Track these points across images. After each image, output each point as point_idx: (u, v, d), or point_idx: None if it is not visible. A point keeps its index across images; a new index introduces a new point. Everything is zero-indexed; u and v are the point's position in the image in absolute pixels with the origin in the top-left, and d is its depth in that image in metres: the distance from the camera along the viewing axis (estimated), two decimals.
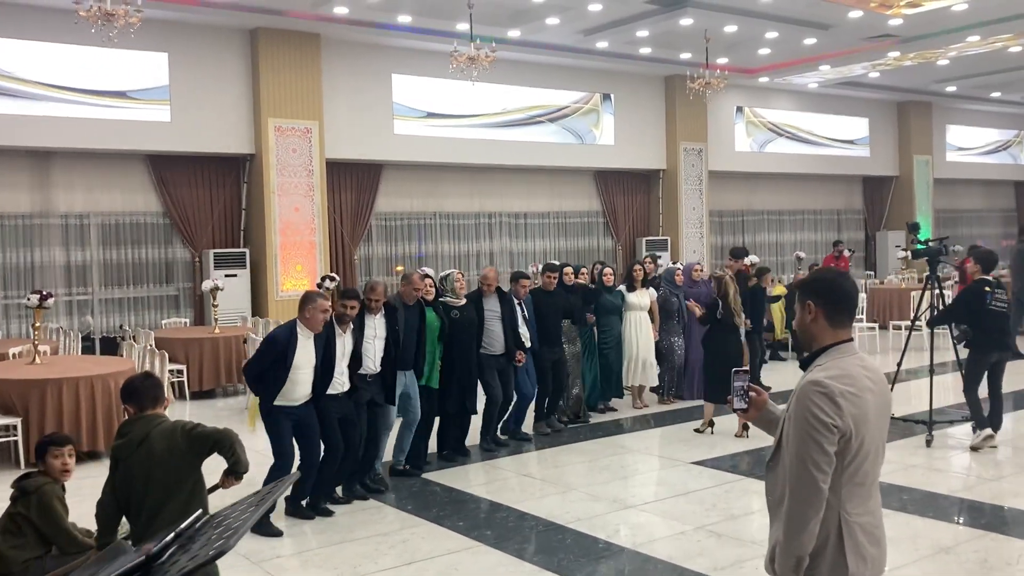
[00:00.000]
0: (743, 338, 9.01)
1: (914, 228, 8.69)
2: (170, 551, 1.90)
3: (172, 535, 1.97)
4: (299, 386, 5.74)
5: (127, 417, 4.01)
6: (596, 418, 8.92)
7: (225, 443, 3.86)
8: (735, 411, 2.76)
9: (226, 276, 11.95)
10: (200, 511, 2.50)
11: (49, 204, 11.75)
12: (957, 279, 13.32)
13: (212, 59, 12.09)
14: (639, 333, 9.13)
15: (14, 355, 9.09)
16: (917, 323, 8.95)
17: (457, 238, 14.96)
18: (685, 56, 14.71)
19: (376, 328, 6.37)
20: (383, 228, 14.30)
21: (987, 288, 7.34)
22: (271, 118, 12.30)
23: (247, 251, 12.54)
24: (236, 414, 9.53)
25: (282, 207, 12.50)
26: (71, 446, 4.51)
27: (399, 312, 6.58)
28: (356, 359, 6.15)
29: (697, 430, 8.27)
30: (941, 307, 8.22)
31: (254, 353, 6.21)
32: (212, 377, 10.45)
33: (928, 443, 7.56)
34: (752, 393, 2.74)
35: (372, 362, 6.32)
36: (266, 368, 5.71)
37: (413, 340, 6.72)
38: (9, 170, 11.42)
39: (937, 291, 8.15)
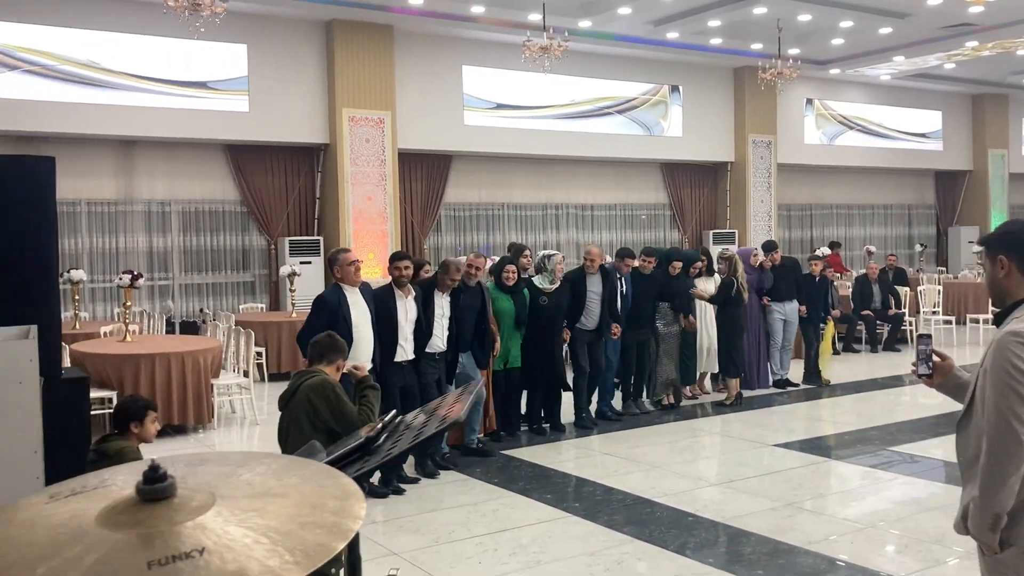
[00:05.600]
0: (797, 324, 9.75)
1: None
2: (383, 436, 2.05)
3: (384, 422, 2.16)
4: (362, 345, 5.73)
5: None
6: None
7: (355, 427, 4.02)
8: (919, 377, 2.67)
9: (301, 263, 12.18)
10: (394, 411, 2.60)
11: (133, 191, 12.11)
12: None
13: (289, 51, 12.35)
14: (706, 320, 9.11)
15: (105, 334, 9.40)
16: None
17: (524, 229, 15.03)
18: (756, 47, 14.59)
19: (443, 307, 6.40)
20: (452, 218, 14.45)
21: None
22: (345, 108, 12.52)
23: (321, 239, 12.78)
24: None
25: (355, 196, 12.70)
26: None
27: (461, 294, 6.61)
28: (422, 334, 6.21)
29: (725, 403, 8.68)
30: None
31: (306, 320, 6.21)
32: (290, 360, 10.65)
33: None
34: (936, 358, 2.65)
35: (439, 340, 6.36)
36: (322, 331, 5.71)
37: (471, 322, 6.72)
38: (96, 158, 11.80)
39: None
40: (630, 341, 8.12)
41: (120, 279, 8.81)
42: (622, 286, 7.93)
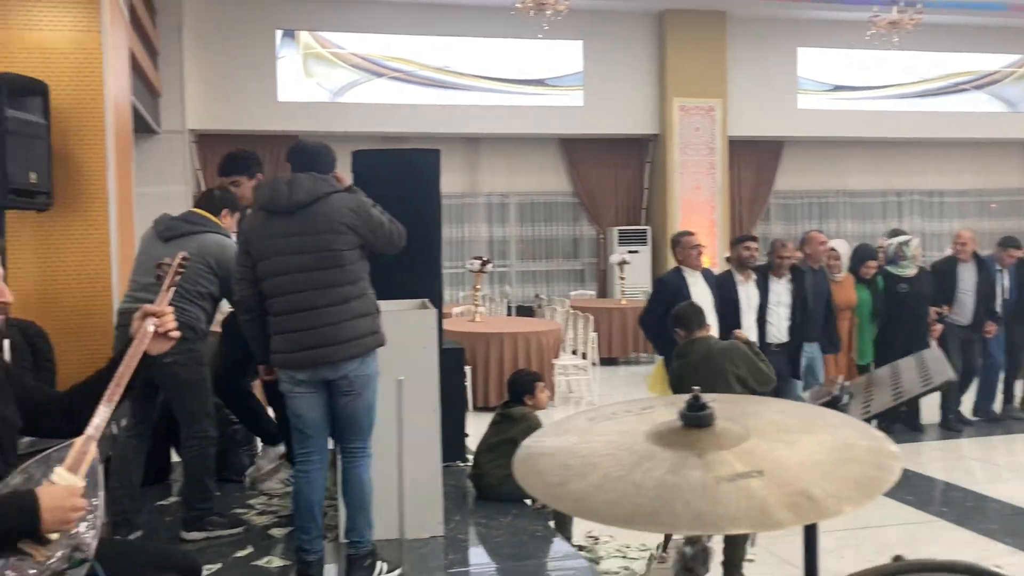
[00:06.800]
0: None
1: None
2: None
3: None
4: None
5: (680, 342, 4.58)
6: None
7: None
8: None
9: (628, 252, 12.42)
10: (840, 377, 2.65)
11: (476, 185, 13.05)
12: None
13: (622, 44, 12.61)
14: None
15: (455, 315, 10.23)
16: None
17: (860, 217, 14.14)
18: None
19: (780, 293, 6.04)
20: (781, 207, 13.96)
21: None
22: (676, 98, 12.55)
23: (648, 228, 12.94)
24: (643, 379, 9.89)
25: (683, 186, 12.70)
26: None
27: (807, 275, 6.27)
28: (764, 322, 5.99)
29: None
30: None
31: (647, 302, 6.20)
32: (619, 346, 10.95)
33: None
34: None
35: (776, 328, 6.03)
36: (662, 314, 5.69)
37: (821, 310, 6.34)
38: (446, 155, 12.75)
39: None
40: (1017, 338, 7.31)
41: (471, 264, 9.54)
42: (1003, 279, 7.16)
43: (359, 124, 11.54)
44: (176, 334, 2.30)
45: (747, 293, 5.90)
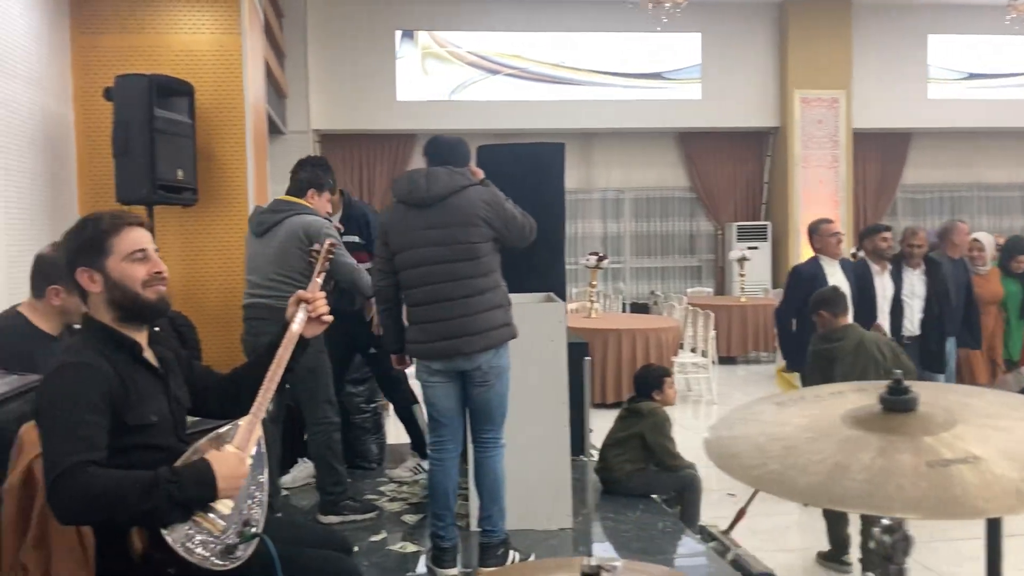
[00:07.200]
0: None
1: None
2: None
3: None
4: None
5: (822, 326, 4.57)
6: None
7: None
8: None
9: (748, 248, 12.14)
10: None
11: (590, 180, 13.01)
12: None
13: (741, 36, 12.35)
14: None
15: (570, 311, 10.22)
16: None
17: (996, 212, 13.45)
18: None
19: (914, 285, 5.73)
20: (909, 201, 13.40)
21: None
22: (797, 90, 12.20)
23: (768, 224, 12.63)
24: (764, 379, 9.69)
25: (805, 180, 12.34)
26: None
27: (944, 266, 5.93)
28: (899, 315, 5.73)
29: None
30: None
31: (783, 294, 6.01)
32: (739, 344, 10.71)
33: None
34: None
35: (908, 321, 5.74)
36: (800, 307, 5.50)
37: (961, 302, 6.02)
38: None
39: None
40: None
41: (587, 260, 9.51)
42: None
43: (475, 122, 11.67)
44: (328, 318, 2.39)
45: (883, 284, 5.71)
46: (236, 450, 2.01)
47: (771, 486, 1.05)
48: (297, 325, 2.33)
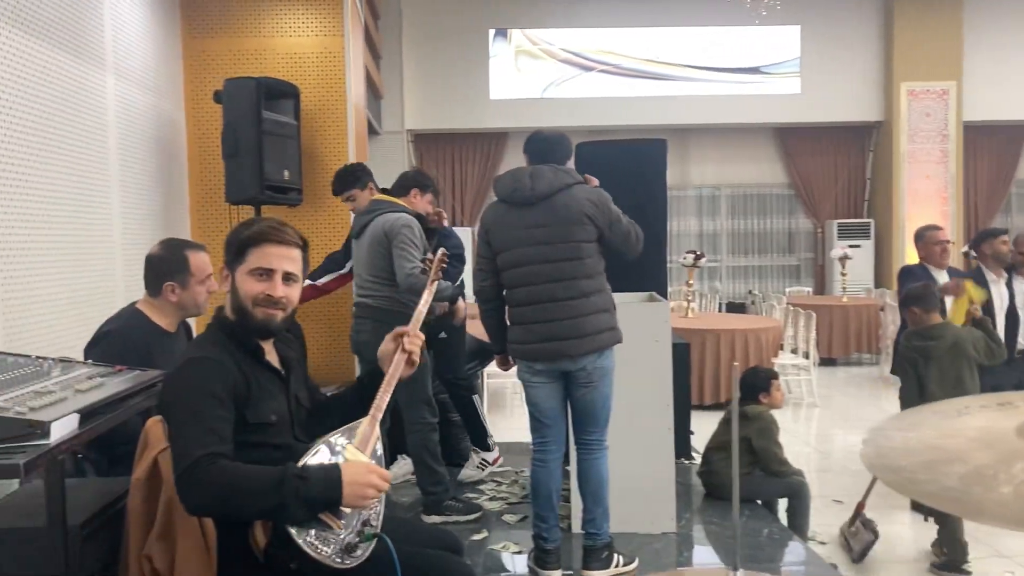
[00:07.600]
0: None
1: None
2: None
3: None
4: None
5: (914, 323, 4.59)
6: None
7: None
8: None
9: (849, 247, 11.75)
10: None
11: (686, 177, 12.79)
12: None
13: (842, 27, 11.94)
14: None
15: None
16: None
17: None
18: None
19: (1002, 296, 5.41)
20: (1023, 197, 12.77)
21: None
22: (903, 82, 11.74)
23: (871, 222, 12.20)
24: (867, 382, 9.36)
25: (911, 176, 11.86)
26: None
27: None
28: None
29: None
30: None
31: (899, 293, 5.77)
32: (841, 346, 10.36)
33: None
34: None
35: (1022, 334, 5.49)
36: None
37: None
38: None
39: None
40: None
41: (684, 258, 9.34)
42: None
43: (568, 119, 11.61)
44: (417, 359, 2.34)
45: (999, 293, 5.43)
46: (359, 456, 2.02)
47: (950, 505, 0.98)
48: (398, 365, 2.29)
